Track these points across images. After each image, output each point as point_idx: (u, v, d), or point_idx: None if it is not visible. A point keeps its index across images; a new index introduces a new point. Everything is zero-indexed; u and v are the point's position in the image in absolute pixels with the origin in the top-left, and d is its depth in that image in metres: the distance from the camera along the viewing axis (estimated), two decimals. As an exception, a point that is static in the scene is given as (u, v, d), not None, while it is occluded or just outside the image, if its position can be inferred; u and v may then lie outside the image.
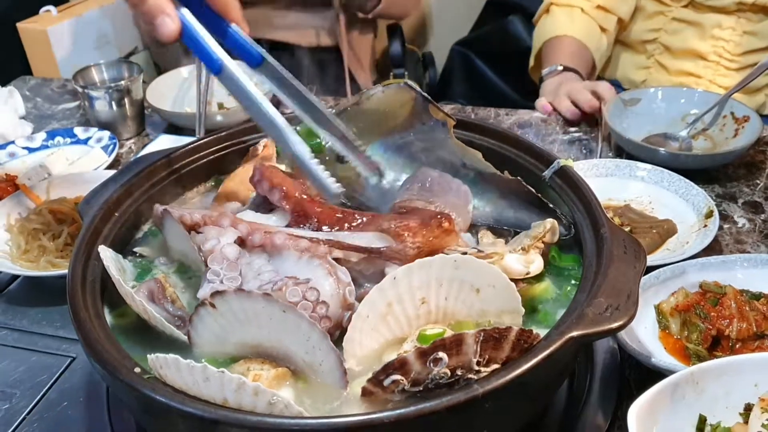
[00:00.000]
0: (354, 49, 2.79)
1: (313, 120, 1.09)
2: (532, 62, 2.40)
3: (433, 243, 1.02)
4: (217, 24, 1.05)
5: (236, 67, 1.02)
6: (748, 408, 0.95)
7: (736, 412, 0.96)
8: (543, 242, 1.07)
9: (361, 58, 2.85)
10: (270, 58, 1.07)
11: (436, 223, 1.03)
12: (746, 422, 0.94)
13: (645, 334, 1.17)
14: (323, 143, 1.31)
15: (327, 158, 1.29)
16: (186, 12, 1.02)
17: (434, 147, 1.29)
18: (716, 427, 0.95)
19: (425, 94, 1.27)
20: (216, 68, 1.02)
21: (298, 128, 1.31)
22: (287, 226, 1.08)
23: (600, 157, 1.77)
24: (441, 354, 0.83)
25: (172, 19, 0.99)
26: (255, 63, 1.06)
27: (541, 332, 0.88)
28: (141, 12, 1.00)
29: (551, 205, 1.16)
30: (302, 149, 1.02)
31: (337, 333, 0.96)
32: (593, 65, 2.29)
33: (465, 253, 0.99)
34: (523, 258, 1.01)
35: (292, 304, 0.89)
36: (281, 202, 1.09)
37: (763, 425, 0.89)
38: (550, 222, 1.09)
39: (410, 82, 1.29)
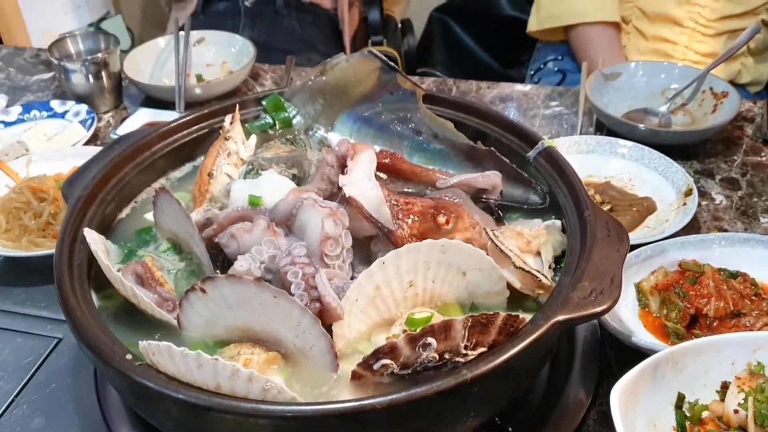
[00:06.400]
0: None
1: None
2: (535, 27, 2.39)
3: (423, 232, 1.03)
4: None
5: None
6: (725, 386, 0.99)
7: (713, 389, 0.99)
8: None
9: (351, 25, 2.80)
10: None
11: (432, 214, 1.04)
12: (723, 400, 0.97)
13: (625, 312, 1.19)
14: (291, 118, 1.31)
15: (296, 133, 1.29)
16: None
17: (404, 117, 1.28)
18: (694, 405, 0.98)
19: (391, 63, 1.26)
20: None
21: (264, 101, 1.30)
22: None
23: (581, 132, 1.78)
24: (430, 339, 0.85)
25: None
26: None
27: (527, 316, 0.90)
28: None
29: (525, 175, 1.18)
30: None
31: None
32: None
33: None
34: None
35: (283, 291, 0.90)
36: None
37: (739, 404, 0.92)
38: (560, 222, 1.11)
39: (374, 51, 1.28)
